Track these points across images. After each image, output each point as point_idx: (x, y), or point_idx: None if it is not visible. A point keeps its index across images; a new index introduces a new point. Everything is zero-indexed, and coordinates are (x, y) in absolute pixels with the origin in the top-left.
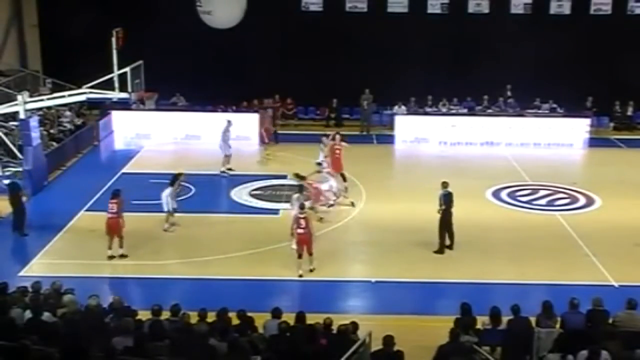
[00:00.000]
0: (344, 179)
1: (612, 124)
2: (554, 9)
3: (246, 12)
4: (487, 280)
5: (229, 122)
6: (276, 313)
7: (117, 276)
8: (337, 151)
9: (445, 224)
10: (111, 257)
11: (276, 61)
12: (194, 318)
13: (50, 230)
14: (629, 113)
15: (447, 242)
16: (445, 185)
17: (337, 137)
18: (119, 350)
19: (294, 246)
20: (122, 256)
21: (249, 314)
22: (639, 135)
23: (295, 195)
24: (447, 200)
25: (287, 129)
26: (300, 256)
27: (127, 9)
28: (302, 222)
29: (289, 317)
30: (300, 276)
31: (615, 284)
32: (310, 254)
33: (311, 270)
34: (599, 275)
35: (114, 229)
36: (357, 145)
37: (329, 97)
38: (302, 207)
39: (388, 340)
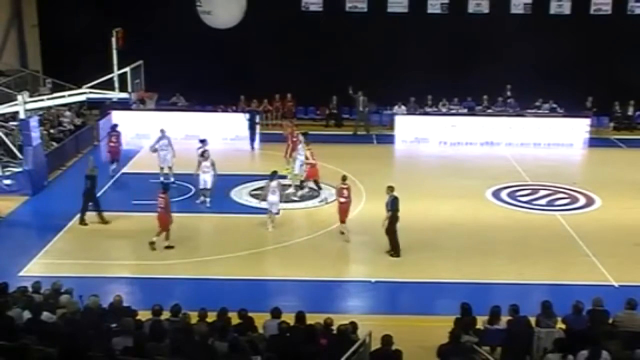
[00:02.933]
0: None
1: (612, 124)
2: (554, 9)
3: (246, 12)
4: (487, 280)
5: (162, 130)
6: (275, 313)
7: (118, 276)
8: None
9: (393, 228)
10: (152, 243)
11: (276, 61)
12: (194, 318)
13: (50, 230)
14: (629, 113)
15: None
16: (391, 189)
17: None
18: (118, 350)
19: (270, 229)
20: (168, 247)
21: (249, 314)
22: (639, 135)
23: (273, 183)
24: (394, 205)
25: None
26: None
27: (127, 9)
28: (345, 192)
29: (289, 317)
30: (342, 233)
31: (615, 284)
32: (343, 222)
33: (342, 233)
34: (599, 275)
35: (161, 222)
36: (357, 145)
37: (329, 97)
38: (344, 178)
39: (387, 340)
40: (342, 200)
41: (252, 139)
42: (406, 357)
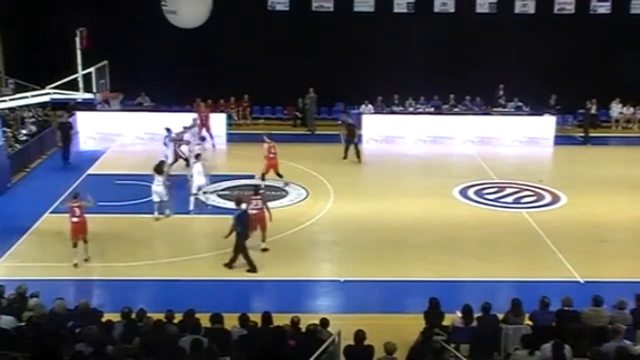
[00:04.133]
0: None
1: (576, 122)
2: (518, 8)
3: (212, 11)
4: (455, 278)
5: (168, 129)
6: (244, 318)
7: (84, 279)
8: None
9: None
10: (265, 250)
11: (243, 61)
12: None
13: (14, 233)
14: (593, 111)
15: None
16: (239, 202)
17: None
18: (86, 352)
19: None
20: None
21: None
22: (603, 133)
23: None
24: (240, 220)
25: (255, 128)
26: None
27: (91, 8)
28: (257, 202)
29: (257, 317)
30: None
31: (581, 280)
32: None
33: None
34: (565, 271)
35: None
36: (325, 145)
37: (297, 97)
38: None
39: (360, 335)
40: (254, 211)
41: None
42: (376, 355)
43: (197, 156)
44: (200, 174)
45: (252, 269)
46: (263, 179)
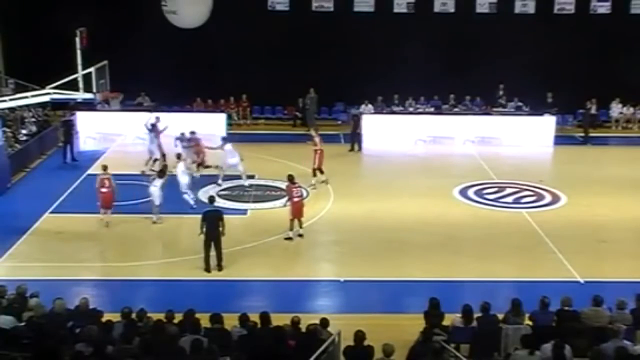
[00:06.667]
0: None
1: (576, 122)
2: (518, 8)
3: (212, 11)
4: (456, 278)
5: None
6: (244, 318)
7: (84, 279)
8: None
9: (213, 241)
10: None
11: (243, 61)
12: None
13: (14, 232)
14: (593, 111)
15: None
16: (211, 199)
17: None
18: (86, 352)
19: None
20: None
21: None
22: (603, 133)
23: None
24: (206, 218)
25: (255, 128)
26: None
27: (91, 8)
28: (298, 191)
29: (257, 317)
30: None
31: (581, 280)
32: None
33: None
34: (565, 271)
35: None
36: (324, 145)
37: (297, 97)
38: (291, 178)
39: (360, 336)
40: (296, 199)
41: None
42: (376, 355)
43: (178, 156)
44: (185, 173)
45: (207, 268)
46: (321, 172)
